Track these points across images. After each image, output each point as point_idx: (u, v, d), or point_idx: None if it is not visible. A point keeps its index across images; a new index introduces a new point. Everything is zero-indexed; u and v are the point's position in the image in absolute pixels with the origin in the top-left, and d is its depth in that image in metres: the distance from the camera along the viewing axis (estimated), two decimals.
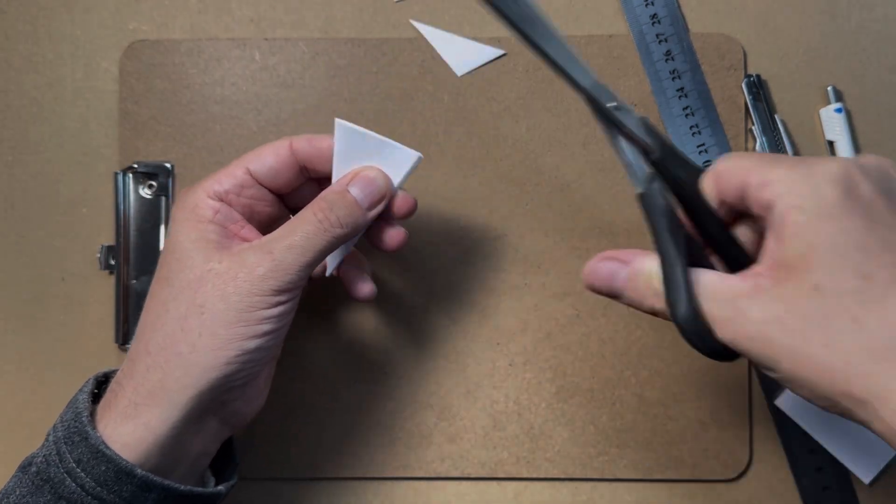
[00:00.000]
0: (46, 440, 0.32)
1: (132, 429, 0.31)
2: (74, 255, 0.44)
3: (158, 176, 0.43)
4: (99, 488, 0.30)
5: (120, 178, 0.43)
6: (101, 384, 0.34)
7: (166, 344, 0.32)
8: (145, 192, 0.43)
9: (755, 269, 0.28)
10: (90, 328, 0.44)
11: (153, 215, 0.43)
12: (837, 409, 0.27)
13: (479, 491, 0.43)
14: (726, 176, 0.29)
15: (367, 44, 0.44)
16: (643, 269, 0.30)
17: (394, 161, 0.35)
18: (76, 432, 0.31)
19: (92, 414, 0.32)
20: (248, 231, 0.35)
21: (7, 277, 0.44)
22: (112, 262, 0.43)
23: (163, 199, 0.43)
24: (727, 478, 0.43)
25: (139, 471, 0.31)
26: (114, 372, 0.35)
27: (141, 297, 0.43)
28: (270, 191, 0.36)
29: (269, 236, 0.33)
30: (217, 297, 0.32)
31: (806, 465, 0.43)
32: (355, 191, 0.34)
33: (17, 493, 0.31)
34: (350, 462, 0.43)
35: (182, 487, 0.32)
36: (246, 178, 0.35)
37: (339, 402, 0.43)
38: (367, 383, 0.43)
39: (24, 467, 0.32)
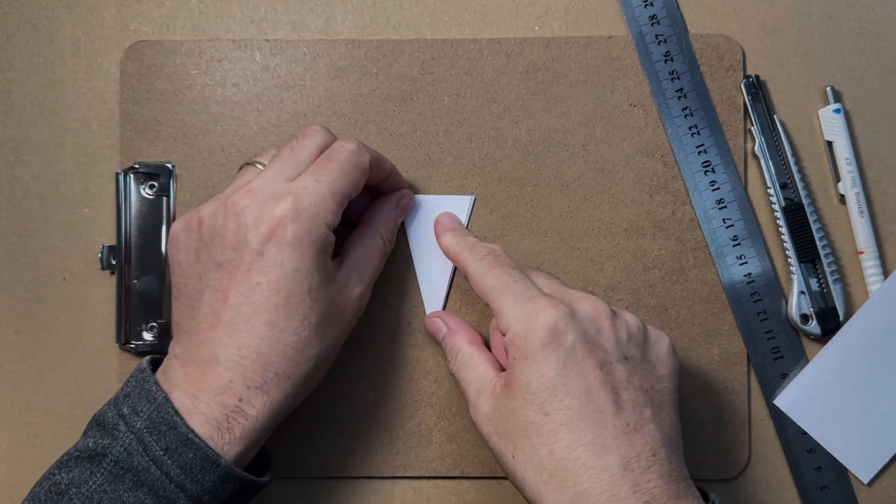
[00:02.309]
0: (116, 432, 0.33)
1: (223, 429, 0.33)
2: (76, 255, 0.44)
3: (160, 176, 0.43)
4: (183, 476, 0.32)
5: (121, 178, 0.43)
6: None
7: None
8: (146, 193, 0.43)
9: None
10: (91, 328, 0.44)
11: (154, 215, 0.43)
12: None
13: (479, 490, 0.44)
14: (476, 280, 0.37)
15: (367, 45, 0.44)
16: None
17: (455, 209, 0.43)
18: (162, 422, 0.32)
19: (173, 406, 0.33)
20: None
21: (8, 277, 0.44)
22: (113, 263, 0.43)
23: (164, 199, 0.43)
24: (726, 477, 0.43)
25: (223, 460, 0.32)
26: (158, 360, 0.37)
27: (142, 297, 0.43)
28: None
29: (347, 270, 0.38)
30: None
31: (805, 465, 0.43)
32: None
33: (91, 484, 0.32)
34: (350, 462, 0.43)
35: (253, 478, 0.34)
36: (344, 205, 0.37)
37: (340, 401, 0.43)
38: (367, 383, 0.43)
39: (92, 459, 0.33)
